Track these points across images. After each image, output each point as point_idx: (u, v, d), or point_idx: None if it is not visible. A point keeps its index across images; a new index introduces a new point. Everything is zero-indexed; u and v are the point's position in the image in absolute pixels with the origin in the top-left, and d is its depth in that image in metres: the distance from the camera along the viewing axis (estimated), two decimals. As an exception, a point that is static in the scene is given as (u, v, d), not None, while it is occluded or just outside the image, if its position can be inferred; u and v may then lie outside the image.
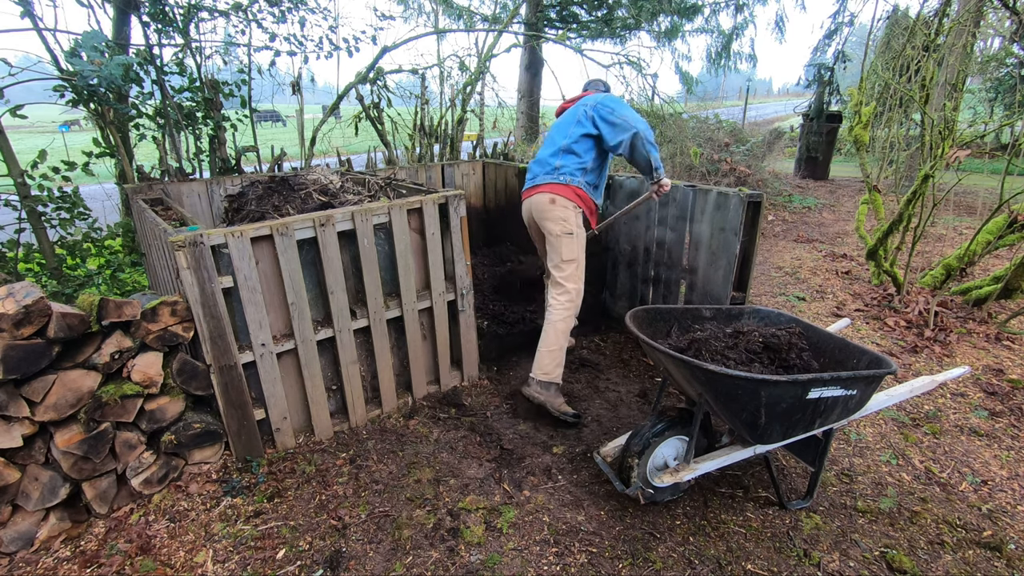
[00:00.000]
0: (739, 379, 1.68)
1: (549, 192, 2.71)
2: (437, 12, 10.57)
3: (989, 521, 2.07)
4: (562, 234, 2.70)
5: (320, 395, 2.52)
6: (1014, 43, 5.68)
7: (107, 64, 2.76)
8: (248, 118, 4.04)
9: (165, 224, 2.28)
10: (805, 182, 9.90)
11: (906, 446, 2.52)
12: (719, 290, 2.86)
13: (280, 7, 4.10)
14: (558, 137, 2.79)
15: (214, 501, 2.19)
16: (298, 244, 2.29)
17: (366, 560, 1.91)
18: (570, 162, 2.73)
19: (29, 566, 1.90)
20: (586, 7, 10.67)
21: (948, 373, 2.24)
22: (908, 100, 6.01)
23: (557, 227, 2.70)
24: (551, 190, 2.71)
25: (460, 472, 2.36)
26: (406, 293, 2.67)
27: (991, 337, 3.52)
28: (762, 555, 1.91)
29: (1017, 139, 4.03)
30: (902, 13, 8.21)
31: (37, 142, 4.28)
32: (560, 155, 2.75)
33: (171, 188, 3.31)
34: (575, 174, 2.73)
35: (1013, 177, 3.81)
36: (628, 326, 2.02)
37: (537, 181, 2.80)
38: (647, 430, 2.04)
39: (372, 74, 4.59)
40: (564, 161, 2.73)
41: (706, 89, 15.72)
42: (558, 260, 2.74)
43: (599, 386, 3.06)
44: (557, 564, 1.89)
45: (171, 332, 2.12)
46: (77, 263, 3.32)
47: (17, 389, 1.83)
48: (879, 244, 4.22)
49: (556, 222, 2.70)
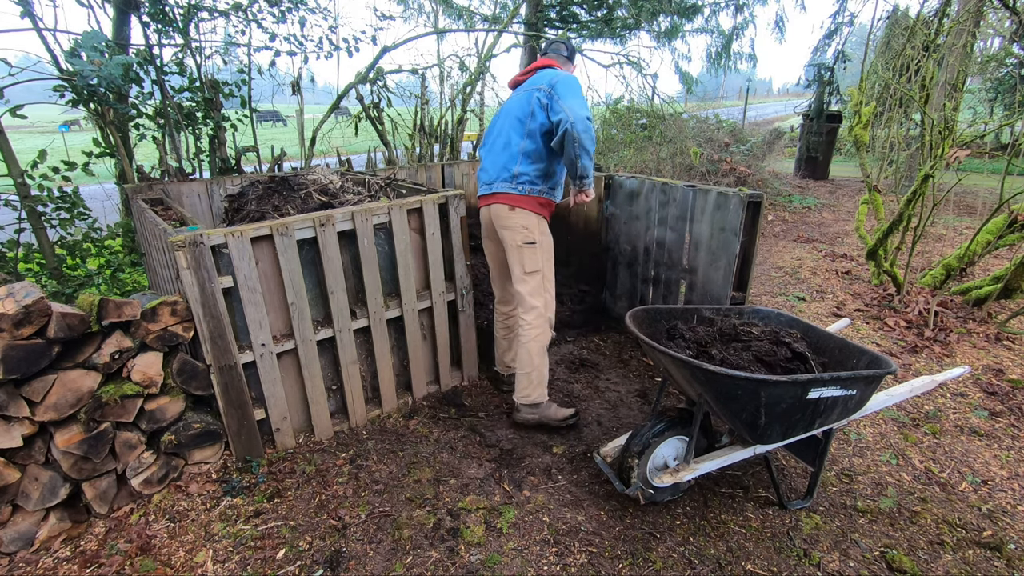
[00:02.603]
0: (739, 379, 1.68)
1: (507, 203, 2.47)
2: (437, 12, 10.55)
3: (989, 521, 2.07)
4: (523, 244, 2.48)
5: (320, 395, 2.52)
6: (1014, 43, 5.68)
7: (107, 64, 2.76)
8: (248, 118, 4.04)
9: (165, 224, 2.28)
10: (805, 182, 9.91)
11: (906, 446, 2.52)
12: (719, 290, 2.86)
13: (280, 7, 4.10)
14: (512, 133, 2.47)
15: (214, 501, 2.19)
16: (298, 244, 2.29)
17: (366, 560, 1.91)
18: (530, 170, 2.45)
19: (29, 566, 1.90)
20: (586, 7, 10.66)
21: (948, 373, 2.24)
22: (908, 100, 6.01)
23: (518, 236, 2.48)
24: (510, 200, 2.47)
25: (460, 472, 2.36)
26: (406, 293, 2.67)
27: (991, 337, 3.52)
28: (762, 555, 1.91)
29: (1017, 139, 4.03)
30: (902, 13, 8.21)
31: (37, 142, 4.28)
32: (519, 160, 2.45)
33: (171, 188, 3.31)
34: (536, 182, 2.47)
35: (1013, 177, 3.81)
36: (628, 326, 2.02)
37: (495, 188, 2.51)
38: (647, 430, 2.04)
39: (372, 74, 4.59)
40: (523, 168, 2.45)
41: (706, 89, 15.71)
42: (520, 272, 2.52)
43: (599, 386, 3.06)
44: (557, 564, 1.89)
45: (171, 332, 2.12)
46: (77, 263, 3.32)
47: (17, 389, 1.83)
48: (879, 244, 4.22)
49: (516, 231, 2.48)
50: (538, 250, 2.51)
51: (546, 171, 2.48)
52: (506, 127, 2.52)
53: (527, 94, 2.46)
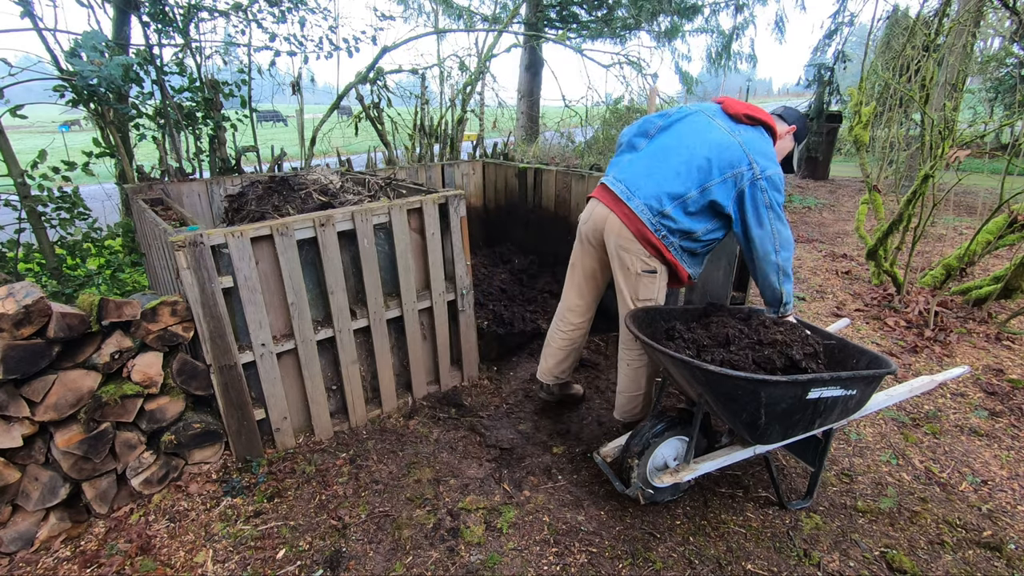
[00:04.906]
0: (739, 379, 1.68)
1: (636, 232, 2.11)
2: (437, 12, 10.56)
3: (989, 521, 2.07)
4: (643, 272, 2.15)
5: (320, 395, 2.52)
6: (1014, 43, 5.68)
7: (107, 64, 2.76)
8: (248, 118, 4.04)
9: (165, 224, 2.28)
10: (805, 182, 9.91)
11: (906, 446, 2.52)
12: (719, 290, 2.86)
13: (280, 7, 4.10)
14: (694, 168, 2.03)
15: (214, 501, 2.19)
16: (298, 244, 2.28)
17: (366, 560, 1.91)
18: (681, 224, 2.07)
19: (29, 566, 1.90)
20: (586, 7, 10.67)
21: (948, 373, 2.24)
22: (908, 100, 6.01)
23: (638, 264, 2.15)
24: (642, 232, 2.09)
25: (460, 472, 2.36)
26: (406, 293, 2.67)
27: (991, 337, 3.52)
28: (762, 555, 1.91)
29: (1017, 139, 4.03)
30: (902, 13, 8.21)
31: (37, 142, 4.28)
32: (673, 203, 2.05)
33: (171, 188, 3.31)
34: (674, 236, 2.10)
35: (1013, 177, 3.81)
36: (628, 326, 2.02)
37: (632, 205, 2.09)
38: (647, 430, 2.04)
39: (372, 74, 4.59)
40: (675, 215, 2.05)
41: (706, 89, 15.73)
42: (631, 299, 2.22)
43: (599, 386, 3.06)
44: (557, 564, 1.89)
45: (171, 332, 2.12)
46: (77, 263, 3.32)
47: (17, 389, 1.83)
48: (879, 244, 4.22)
49: (637, 256, 2.14)
50: (657, 280, 2.18)
51: (693, 234, 2.10)
52: (694, 153, 2.05)
53: (734, 152, 2.00)
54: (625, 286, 2.24)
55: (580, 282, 2.49)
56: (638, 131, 2.30)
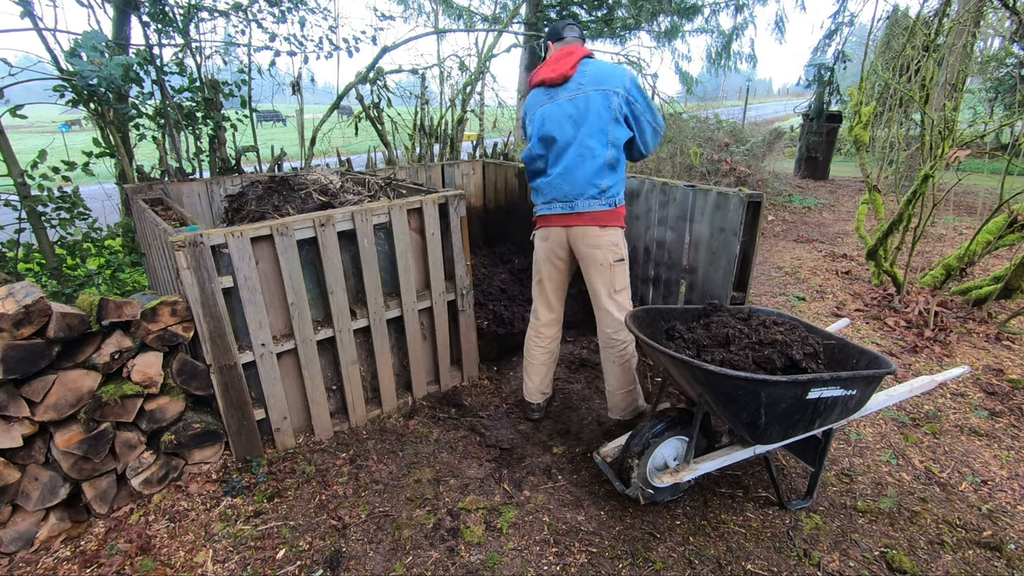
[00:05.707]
0: (739, 379, 1.68)
1: (598, 223, 2.29)
2: (437, 12, 10.56)
3: (989, 521, 2.07)
4: (615, 262, 2.33)
5: (320, 395, 2.52)
6: (1014, 43, 5.68)
7: (107, 64, 2.76)
8: (248, 118, 4.04)
9: (165, 224, 2.28)
10: (805, 182, 9.91)
11: (906, 446, 2.52)
12: (719, 290, 2.86)
13: (280, 7, 4.10)
14: (594, 142, 2.23)
15: (214, 501, 2.19)
16: (298, 244, 2.29)
17: (366, 560, 1.91)
18: (616, 181, 2.27)
19: (29, 566, 1.90)
20: (586, 7, 10.66)
21: (948, 373, 2.24)
22: (908, 100, 6.01)
23: (609, 255, 2.32)
24: (601, 219, 2.28)
25: (460, 472, 2.36)
26: (406, 293, 2.67)
27: (991, 337, 3.52)
28: (762, 555, 1.91)
29: (1017, 139, 4.03)
30: (902, 13, 8.22)
31: (37, 142, 4.28)
32: (606, 173, 2.24)
33: (171, 188, 3.30)
34: (619, 192, 2.29)
35: (1013, 177, 3.81)
36: (628, 326, 2.02)
37: (579, 207, 2.28)
38: (647, 430, 2.04)
39: (372, 74, 4.59)
40: (611, 181, 2.25)
41: (706, 89, 15.74)
42: (609, 292, 2.37)
43: (599, 386, 3.06)
44: (557, 564, 1.89)
45: (171, 332, 2.12)
46: (77, 263, 3.32)
47: (17, 389, 1.83)
48: (879, 244, 4.22)
49: (607, 249, 2.30)
50: (626, 266, 2.39)
51: (623, 177, 2.36)
52: (583, 136, 2.24)
53: (602, 96, 2.21)
54: (600, 283, 2.39)
55: (550, 295, 2.62)
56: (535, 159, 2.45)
